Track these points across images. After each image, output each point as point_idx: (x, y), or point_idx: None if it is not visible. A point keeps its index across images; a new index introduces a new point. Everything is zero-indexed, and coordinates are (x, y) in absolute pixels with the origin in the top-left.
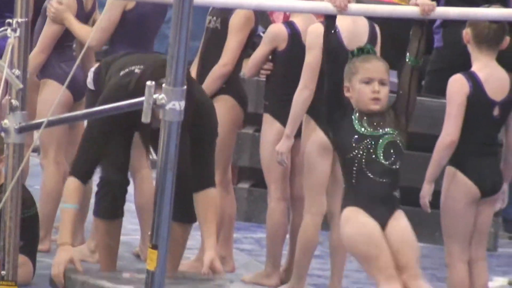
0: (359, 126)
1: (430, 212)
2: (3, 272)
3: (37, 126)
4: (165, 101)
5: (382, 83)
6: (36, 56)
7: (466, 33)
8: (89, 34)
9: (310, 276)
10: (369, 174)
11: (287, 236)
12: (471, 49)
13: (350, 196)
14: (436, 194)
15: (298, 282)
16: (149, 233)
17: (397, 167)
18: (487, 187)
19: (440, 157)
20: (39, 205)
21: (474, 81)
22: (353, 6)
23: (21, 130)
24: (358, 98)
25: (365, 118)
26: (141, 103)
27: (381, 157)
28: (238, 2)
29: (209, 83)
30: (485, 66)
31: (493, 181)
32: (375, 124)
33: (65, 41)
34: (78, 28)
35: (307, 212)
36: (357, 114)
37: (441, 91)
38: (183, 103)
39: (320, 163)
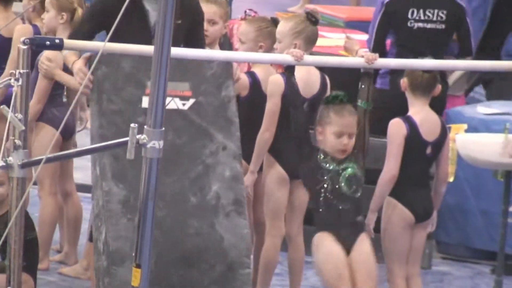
0: (324, 163)
1: (379, 237)
2: (9, 287)
3: (37, 162)
4: (147, 141)
5: (350, 136)
6: (34, 106)
7: (403, 81)
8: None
9: None
10: (335, 202)
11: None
12: (408, 95)
13: (319, 222)
14: (377, 221)
15: None
16: (133, 253)
17: (359, 195)
18: (420, 214)
19: (383, 190)
20: (38, 230)
21: (411, 124)
22: (308, 58)
23: (23, 166)
24: (327, 145)
25: (329, 156)
26: (125, 142)
27: (344, 188)
28: (208, 54)
29: None
30: (420, 111)
31: (425, 209)
32: (338, 160)
33: (56, 90)
34: (68, 79)
35: (268, 235)
36: (322, 153)
37: (379, 130)
38: (161, 143)
39: (278, 192)
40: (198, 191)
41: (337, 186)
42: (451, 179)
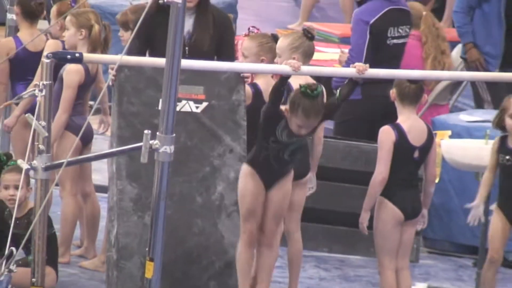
0: (280, 132)
1: (370, 232)
2: (33, 280)
3: (59, 166)
4: (159, 146)
5: (310, 129)
6: (61, 116)
7: (393, 92)
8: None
9: (273, 283)
10: (272, 162)
11: None
12: (397, 104)
13: (252, 158)
14: (370, 219)
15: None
16: (141, 249)
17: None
18: (409, 212)
19: (375, 191)
20: (60, 227)
21: (399, 131)
22: (305, 68)
23: (46, 169)
24: (290, 125)
25: (286, 130)
26: (140, 147)
27: (285, 156)
28: (215, 65)
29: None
30: (407, 119)
31: (413, 208)
32: (292, 136)
33: (76, 99)
34: None
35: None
36: (283, 125)
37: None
38: (172, 147)
39: None
40: (204, 191)
41: (280, 154)
42: (436, 181)
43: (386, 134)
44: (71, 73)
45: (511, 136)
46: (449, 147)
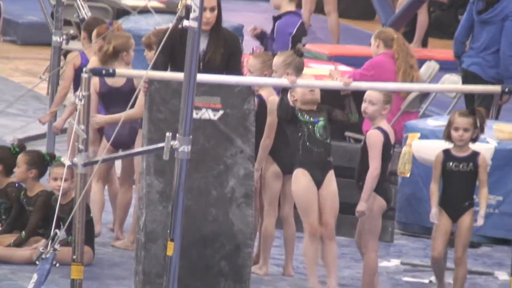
0: (301, 117)
1: (352, 216)
2: (74, 257)
3: (95, 162)
4: (178, 146)
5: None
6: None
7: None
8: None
9: (272, 259)
10: (310, 146)
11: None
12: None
13: (298, 161)
14: (352, 206)
15: (264, 263)
16: (166, 232)
17: (328, 141)
18: (390, 202)
19: (372, 185)
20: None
21: (384, 133)
22: (300, 81)
23: (85, 165)
24: (299, 96)
25: (304, 111)
26: (163, 147)
27: (318, 135)
28: (226, 79)
29: None
30: (385, 123)
31: (391, 197)
32: (311, 113)
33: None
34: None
35: (266, 216)
36: (298, 110)
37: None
38: (189, 147)
39: (274, 184)
40: (218, 186)
41: (312, 134)
42: (407, 175)
43: (376, 137)
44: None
45: (456, 146)
46: (418, 147)
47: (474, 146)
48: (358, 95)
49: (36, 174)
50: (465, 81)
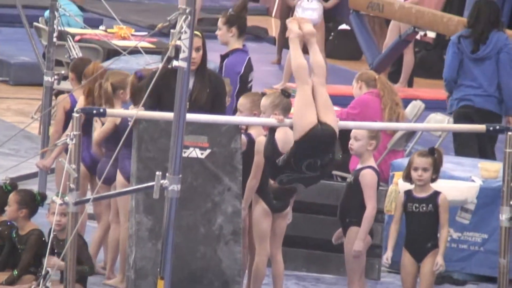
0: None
1: (338, 255)
2: None
3: (86, 201)
4: (168, 184)
5: None
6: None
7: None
8: None
9: None
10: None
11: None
12: (367, 153)
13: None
14: (339, 245)
15: None
16: (155, 270)
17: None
18: (373, 237)
19: (370, 224)
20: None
21: (377, 172)
22: (287, 120)
23: (76, 204)
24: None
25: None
26: (152, 186)
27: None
28: (216, 119)
29: None
30: (373, 162)
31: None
32: None
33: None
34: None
35: (257, 255)
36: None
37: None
38: (179, 186)
39: (263, 223)
40: (206, 223)
41: (298, 171)
42: (393, 213)
43: (373, 177)
44: None
45: (416, 186)
46: (404, 186)
47: (459, 185)
48: (342, 134)
49: (26, 214)
50: (478, 119)
